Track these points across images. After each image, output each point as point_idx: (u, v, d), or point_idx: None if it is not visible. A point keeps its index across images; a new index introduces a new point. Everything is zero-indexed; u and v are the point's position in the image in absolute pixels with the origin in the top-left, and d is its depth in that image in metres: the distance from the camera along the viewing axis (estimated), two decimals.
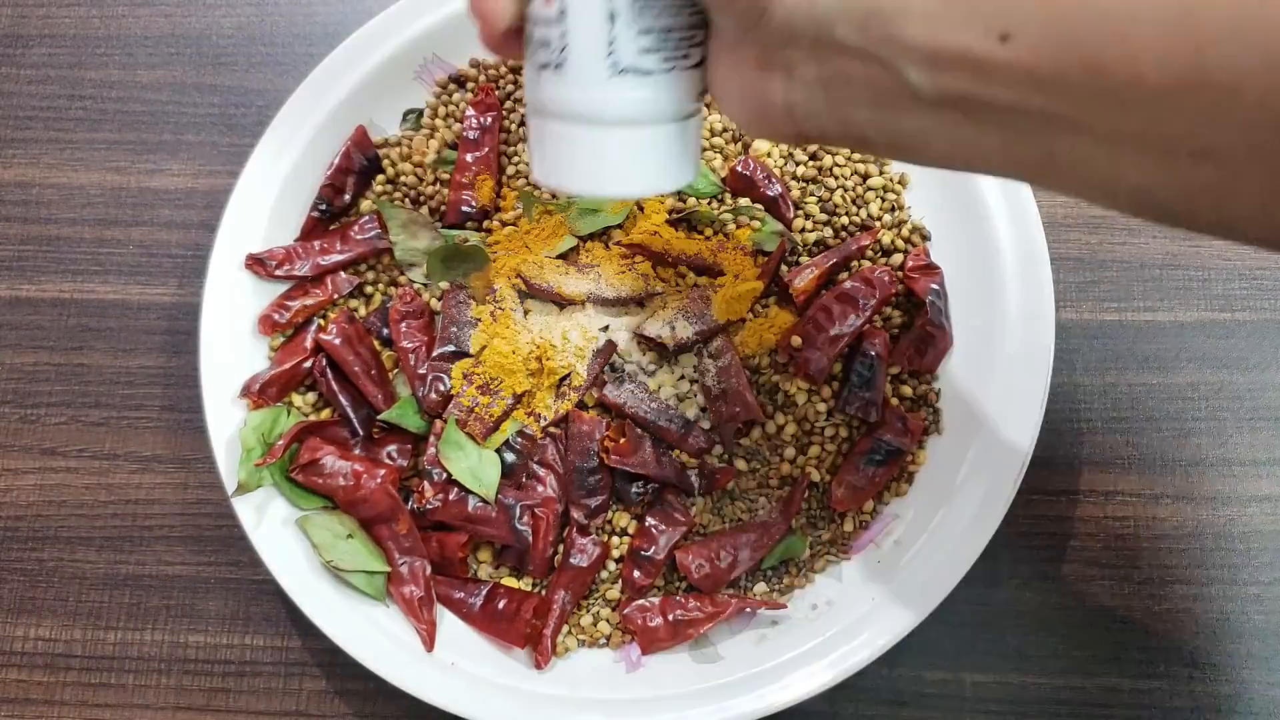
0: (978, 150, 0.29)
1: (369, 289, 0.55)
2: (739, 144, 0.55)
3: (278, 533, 0.49)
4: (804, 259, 0.53)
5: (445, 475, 0.50)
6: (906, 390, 0.52)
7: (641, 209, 0.54)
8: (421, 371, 0.52)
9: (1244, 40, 0.22)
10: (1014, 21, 0.25)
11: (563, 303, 0.53)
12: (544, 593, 0.50)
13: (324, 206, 0.55)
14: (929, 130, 0.29)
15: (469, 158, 0.55)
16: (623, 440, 0.50)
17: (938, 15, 0.26)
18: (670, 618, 0.49)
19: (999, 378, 0.50)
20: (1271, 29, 0.22)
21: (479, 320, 0.52)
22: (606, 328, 0.52)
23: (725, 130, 0.56)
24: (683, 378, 0.52)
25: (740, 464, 0.51)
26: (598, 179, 0.35)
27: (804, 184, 0.54)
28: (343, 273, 0.54)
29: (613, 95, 0.33)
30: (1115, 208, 0.28)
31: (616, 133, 0.34)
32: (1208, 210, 0.26)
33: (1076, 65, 0.24)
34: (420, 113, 0.57)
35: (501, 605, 0.49)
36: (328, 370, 0.52)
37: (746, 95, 0.32)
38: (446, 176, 0.55)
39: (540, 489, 0.50)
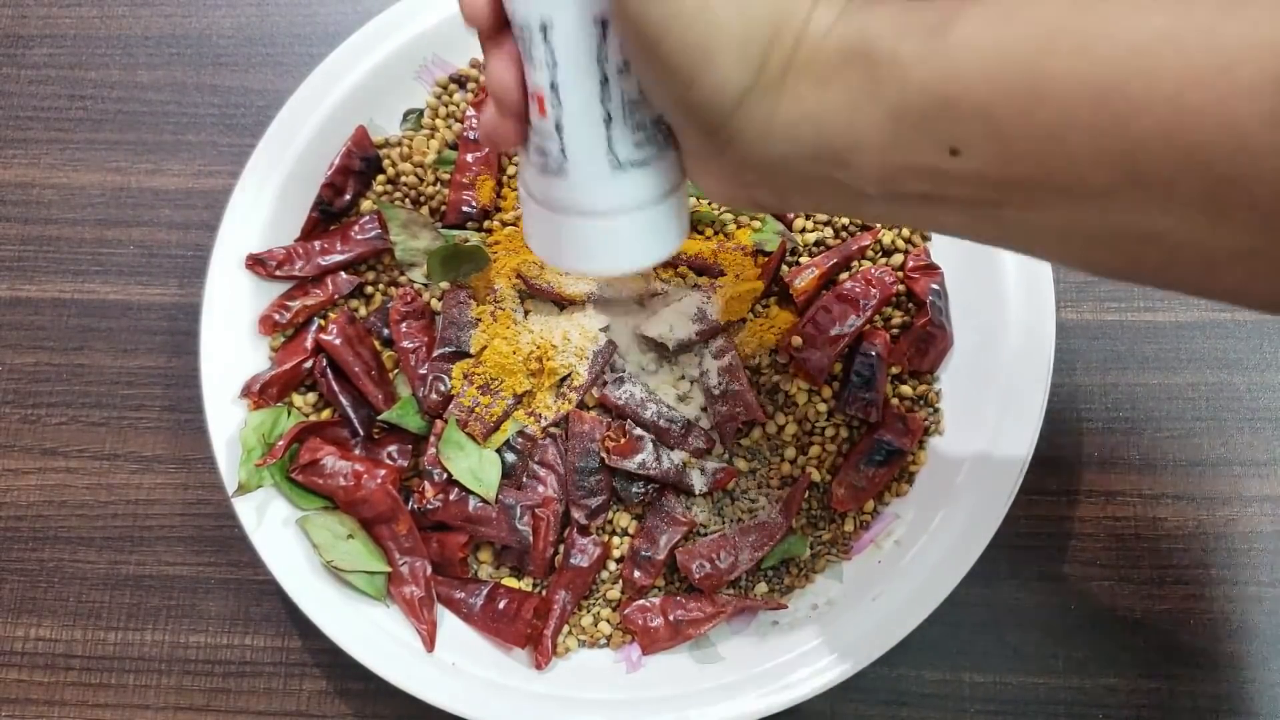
0: (939, 225, 0.31)
1: (369, 289, 0.55)
2: None
3: (278, 533, 0.49)
4: (804, 259, 0.53)
5: (445, 475, 0.50)
6: (906, 390, 0.52)
7: None
8: (422, 372, 0.52)
9: (1172, 143, 0.24)
10: (960, 139, 0.27)
11: (563, 303, 0.53)
12: (544, 593, 0.50)
13: (324, 206, 0.54)
14: (892, 214, 0.31)
15: (469, 158, 0.55)
16: (623, 440, 0.50)
17: (888, 143, 0.28)
18: (670, 618, 0.49)
19: (999, 378, 0.50)
20: (1197, 131, 0.23)
21: (479, 320, 0.52)
22: (607, 328, 0.52)
23: None
24: (683, 378, 0.52)
25: (740, 464, 0.51)
26: (609, 260, 0.37)
27: None
28: (343, 273, 0.54)
29: (615, 190, 0.35)
30: (1071, 268, 0.30)
31: (622, 219, 0.36)
32: (1154, 277, 0.28)
33: (1022, 172, 0.26)
34: (420, 113, 0.57)
35: (502, 605, 0.49)
36: (328, 370, 0.52)
37: (716, 189, 0.34)
38: (446, 176, 0.55)
39: (540, 489, 0.50)
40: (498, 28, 0.34)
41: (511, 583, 0.50)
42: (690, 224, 0.53)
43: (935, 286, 0.52)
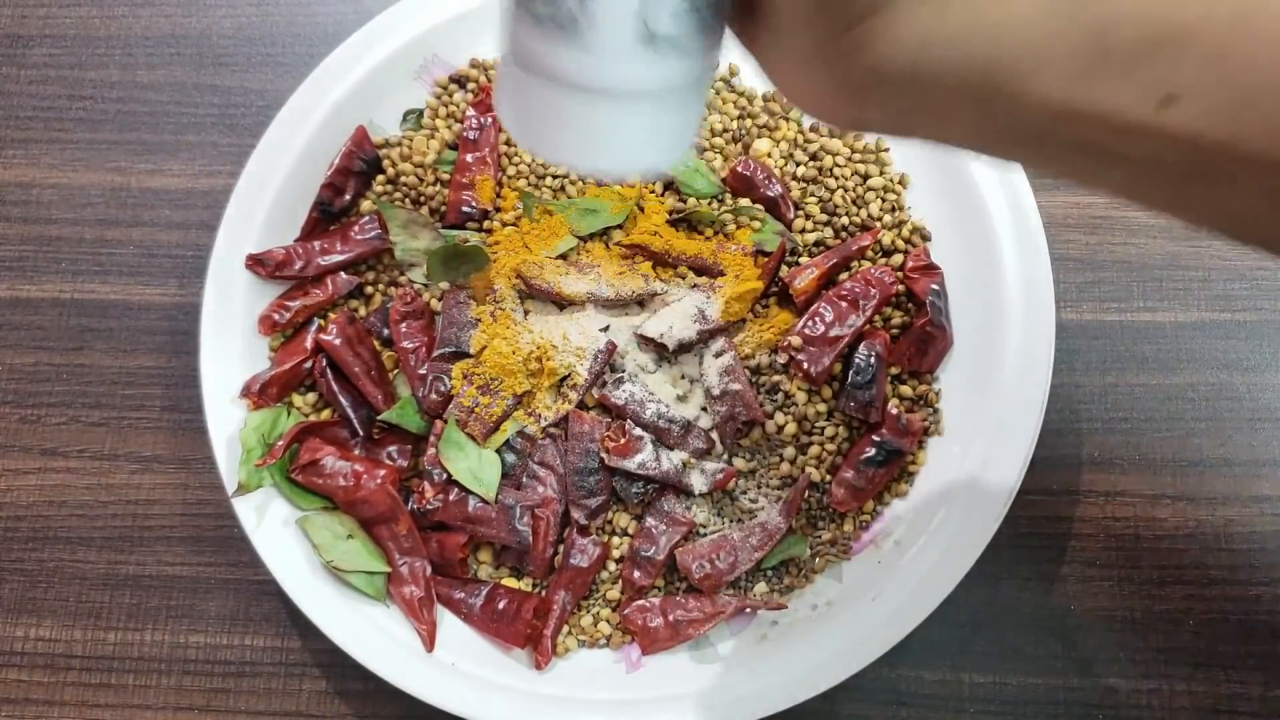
0: (1095, 180, 0.26)
1: (369, 289, 0.55)
2: (739, 144, 0.55)
3: (278, 533, 0.49)
4: (804, 259, 0.53)
5: (445, 475, 0.50)
6: (906, 390, 0.52)
7: (642, 209, 0.54)
8: (422, 372, 0.52)
9: None
10: (1183, 84, 0.22)
11: (563, 303, 0.53)
12: (544, 593, 0.50)
13: (324, 206, 0.54)
14: (1040, 160, 0.26)
15: (469, 158, 0.55)
16: (622, 440, 0.50)
17: (1083, 71, 0.23)
18: (670, 618, 0.49)
19: (999, 378, 0.50)
20: None
21: (479, 320, 0.52)
22: (606, 328, 0.52)
23: (725, 131, 0.56)
24: (683, 377, 0.52)
25: (740, 464, 0.51)
26: (610, 155, 0.30)
27: (804, 184, 0.54)
28: (343, 273, 0.54)
29: (636, 67, 0.28)
30: (1249, 246, 0.25)
31: (636, 106, 0.29)
32: None
33: (1253, 139, 0.22)
34: (420, 113, 0.57)
35: (501, 605, 0.49)
36: (328, 370, 0.52)
37: (811, 100, 0.28)
38: (446, 176, 0.55)
39: (540, 489, 0.50)
40: None
41: (511, 583, 0.50)
42: (691, 225, 0.54)
43: (935, 286, 0.52)
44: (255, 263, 0.53)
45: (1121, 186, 0.25)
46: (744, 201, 0.54)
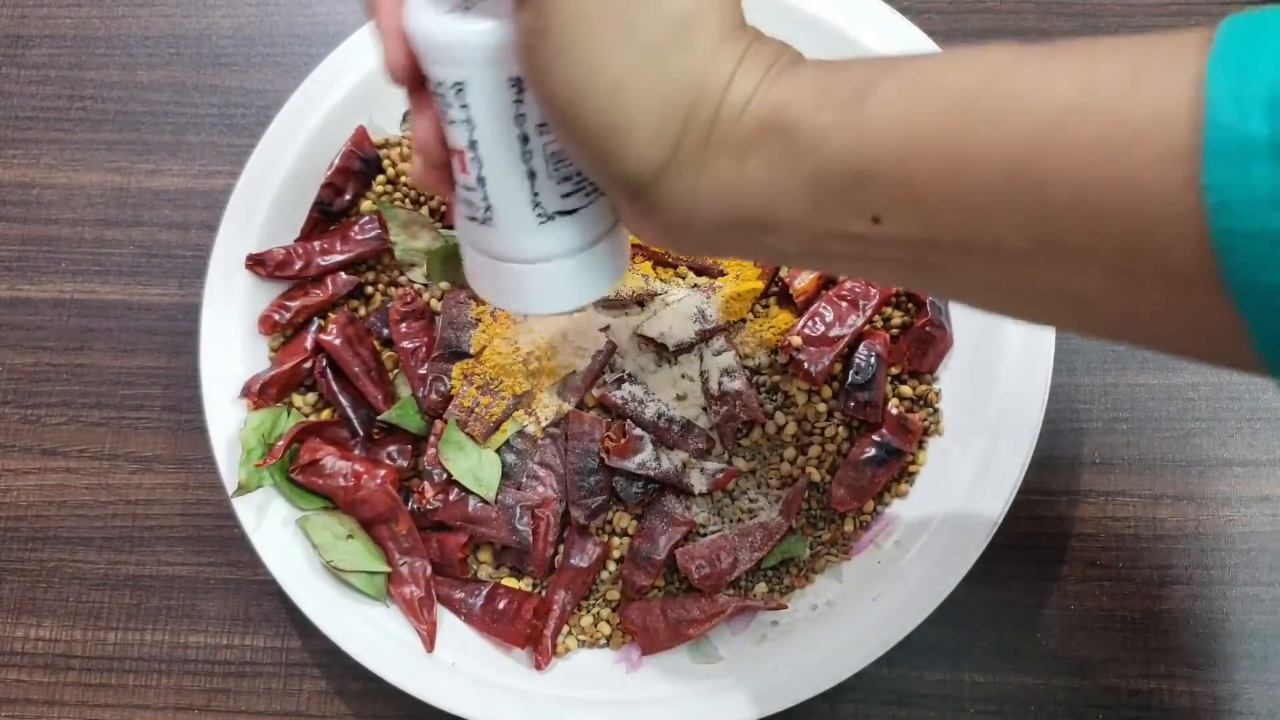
0: (869, 277, 0.32)
1: (369, 289, 0.55)
2: None
3: (278, 533, 0.49)
4: None
5: (445, 476, 0.50)
6: (906, 390, 0.52)
7: None
8: (422, 372, 0.52)
9: (1086, 213, 0.24)
10: (881, 208, 0.27)
11: None
12: (544, 593, 0.50)
13: (324, 206, 0.54)
14: (823, 267, 0.32)
15: None
16: (622, 440, 0.50)
17: (810, 213, 0.29)
18: (670, 618, 0.49)
19: (999, 378, 0.50)
20: (1110, 202, 0.24)
21: (479, 320, 0.52)
22: (606, 328, 0.52)
23: None
24: (683, 377, 0.52)
25: (740, 464, 0.51)
26: (544, 302, 0.37)
27: None
28: (343, 273, 0.54)
29: (543, 239, 0.35)
30: (1002, 316, 0.30)
31: (554, 264, 0.35)
32: (1079, 330, 0.29)
33: (945, 237, 0.27)
34: None
35: (501, 605, 0.49)
36: (328, 371, 0.52)
37: (650, 239, 0.35)
38: None
39: (540, 489, 0.50)
40: (420, 83, 0.34)
41: (511, 583, 0.50)
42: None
43: None
44: (255, 263, 0.53)
45: (889, 280, 0.31)
46: None
